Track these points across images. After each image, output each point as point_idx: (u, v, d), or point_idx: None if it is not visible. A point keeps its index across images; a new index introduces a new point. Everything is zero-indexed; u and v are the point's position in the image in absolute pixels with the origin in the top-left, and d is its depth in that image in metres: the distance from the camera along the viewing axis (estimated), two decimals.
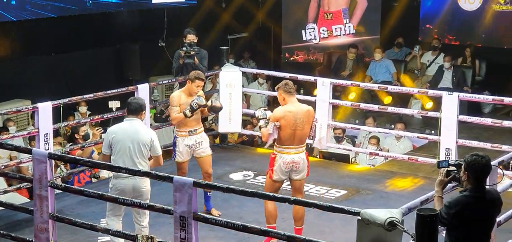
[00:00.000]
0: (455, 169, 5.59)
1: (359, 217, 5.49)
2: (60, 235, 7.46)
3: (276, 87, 8.02)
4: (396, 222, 5.27)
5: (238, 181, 10.00)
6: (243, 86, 11.02)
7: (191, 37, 10.98)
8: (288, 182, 10.02)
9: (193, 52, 10.83)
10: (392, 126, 12.88)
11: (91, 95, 10.10)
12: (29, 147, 10.33)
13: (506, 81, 13.93)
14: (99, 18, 13.82)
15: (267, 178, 8.05)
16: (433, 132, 11.86)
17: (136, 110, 7.59)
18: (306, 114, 7.86)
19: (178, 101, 8.60)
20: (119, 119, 12.11)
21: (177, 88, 14.32)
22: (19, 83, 12.90)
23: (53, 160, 7.43)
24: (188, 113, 8.48)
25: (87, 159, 9.57)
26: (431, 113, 10.78)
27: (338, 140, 11.95)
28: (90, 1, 13.22)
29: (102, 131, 11.74)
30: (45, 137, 9.13)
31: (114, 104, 11.75)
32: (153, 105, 12.73)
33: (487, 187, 5.50)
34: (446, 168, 5.65)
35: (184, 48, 10.90)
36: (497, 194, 5.59)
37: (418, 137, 11.17)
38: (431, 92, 11.41)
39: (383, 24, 16.73)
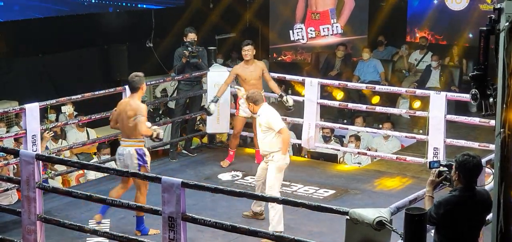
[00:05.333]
0: (447, 169, 5.60)
1: (348, 217, 5.50)
2: (48, 237, 7.44)
3: None
4: (384, 222, 5.28)
5: (226, 181, 9.99)
6: (231, 87, 10.99)
7: (192, 36, 11.04)
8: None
9: (196, 53, 10.90)
10: (380, 126, 12.91)
11: (79, 96, 10.08)
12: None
13: None
14: (87, 19, 13.78)
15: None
16: (421, 131, 11.89)
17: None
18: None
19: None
20: (98, 121, 12.17)
21: (163, 86, 14.34)
22: (6, 84, 12.84)
23: (40, 161, 7.41)
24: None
25: (75, 160, 9.56)
26: (419, 113, 10.81)
27: (326, 139, 11.96)
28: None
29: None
30: (32, 138, 9.09)
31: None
32: None
33: (477, 187, 5.52)
34: (438, 169, 5.66)
35: (190, 49, 10.90)
36: (487, 194, 5.59)
37: (406, 137, 11.20)
38: (419, 92, 11.44)
39: (370, 24, 16.74)
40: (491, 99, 4.79)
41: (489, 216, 5.86)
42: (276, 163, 8.22)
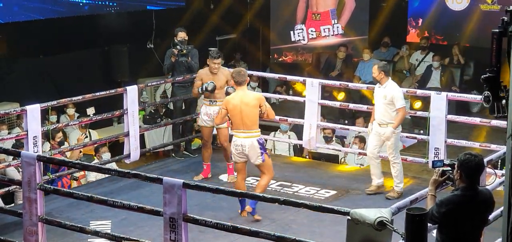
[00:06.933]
0: (450, 168, 5.61)
1: (349, 217, 5.50)
2: (49, 238, 7.44)
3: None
4: (385, 222, 5.28)
5: (227, 182, 9.99)
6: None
7: (182, 35, 11.06)
8: (278, 183, 10.06)
9: (186, 51, 10.91)
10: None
11: (80, 97, 10.07)
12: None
13: None
14: (88, 20, 13.78)
15: None
16: (422, 131, 11.88)
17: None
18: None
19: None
20: (99, 123, 12.23)
21: (163, 88, 14.33)
22: (7, 85, 12.85)
23: (42, 163, 7.41)
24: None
25: (76, 161, 9.56)
26: (420, 113, 10.80)
27: (327, 140, 11.96)
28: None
29: (87, 136, 11.69)
30: (33, 139, 9.09)
31: (90, 110, 11.77)
32: (142, 107, 12.70)
33: (479, 187, 5.52)
34: (441, 168, 5.67)
35: (178, 47, 10.94)
36: (489, 193, 5.60)
37: (407, 137, 11.18)
38: (419, 92, 11.43)
39: (371, 24, 16.74)
40: (503, 101, 4.77)
41: (490, 216, 5.89)
42: (387, 134, 9.36)
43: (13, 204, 9.85)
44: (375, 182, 9.59)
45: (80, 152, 10.80)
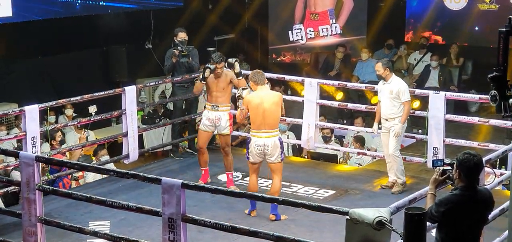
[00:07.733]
0: (450, 168, 5.62)
1: (348, 217, 5.51)
2: (48, 239, 7.44)
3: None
4: (384, 221, 5.28)
5: (226, 182, 9.98)
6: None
7: (183, 35, 11.06)
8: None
9: (187, 52, 10.91)
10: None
11: (78, 97, 10.06)
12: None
13: None
14: (86, 21, 13.76)
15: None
16: (420, 131, 11.89)
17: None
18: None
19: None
20: (97, 123, 12.23)
21: (164, 88, 14.33)
22: (6, 85, 12.84)
23: (40, 163, 7.41)
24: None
25: (75, 162, 9.56)
26: (418, 113, 10.82)
27: (326, 139, 11.96)
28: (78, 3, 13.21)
29: (88, 134, 11.69)
30: (32, 140, 9.09)
31: (92, 109, 11.76)
32: (140, 107, 12.67)
33: (479, 186, 5.52)
34: (442, 167, 5.67)
35: (180, 48, 10.94)
36: (488, 193, 5.61)
37: (405, 136, 11.18)
38: (418, 91, 11.43)
39: (369, 24, 16.75)
40: (510, 100, 4.77)
41: (491, 215, 5.89)
42: (396, 129, 9.60)
43: (18, 204, 9.86)
44: (401, 181, 9.68)
45: (81, 150, 10.79)
